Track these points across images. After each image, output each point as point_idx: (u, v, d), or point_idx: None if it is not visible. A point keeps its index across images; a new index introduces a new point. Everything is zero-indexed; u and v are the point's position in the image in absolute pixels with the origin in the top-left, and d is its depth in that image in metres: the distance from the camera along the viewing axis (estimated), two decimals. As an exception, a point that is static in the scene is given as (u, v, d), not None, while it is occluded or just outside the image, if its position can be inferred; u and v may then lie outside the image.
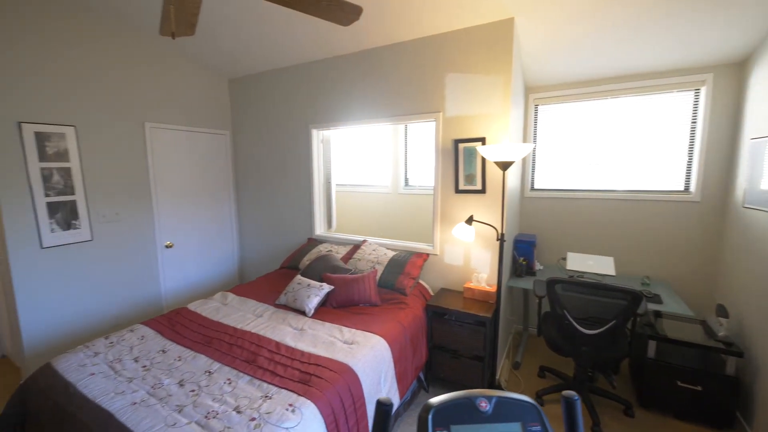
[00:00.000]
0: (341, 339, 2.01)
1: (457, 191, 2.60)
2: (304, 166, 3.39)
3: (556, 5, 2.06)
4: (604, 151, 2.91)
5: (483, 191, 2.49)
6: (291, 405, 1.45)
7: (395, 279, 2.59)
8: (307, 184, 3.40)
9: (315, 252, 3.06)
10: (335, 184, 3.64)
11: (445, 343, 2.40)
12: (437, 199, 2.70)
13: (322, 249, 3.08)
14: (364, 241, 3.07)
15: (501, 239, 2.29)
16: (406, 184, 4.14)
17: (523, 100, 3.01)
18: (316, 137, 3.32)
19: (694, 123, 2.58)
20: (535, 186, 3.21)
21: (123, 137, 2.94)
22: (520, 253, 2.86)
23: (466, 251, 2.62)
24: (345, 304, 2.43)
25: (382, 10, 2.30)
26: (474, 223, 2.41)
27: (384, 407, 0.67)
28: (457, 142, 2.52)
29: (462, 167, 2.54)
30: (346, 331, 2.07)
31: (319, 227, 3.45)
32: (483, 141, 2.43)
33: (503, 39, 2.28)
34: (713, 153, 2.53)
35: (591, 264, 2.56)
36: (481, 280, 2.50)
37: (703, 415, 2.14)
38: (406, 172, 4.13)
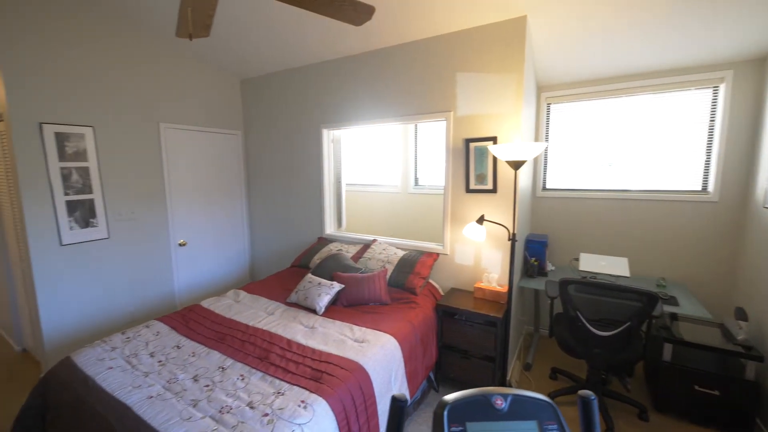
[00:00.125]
0: (352, 337, 2.02)
1: (468, 191, 2.59)
2: (315, 165, 3.41)
3: (569, 3, 2.04)
4: (618, 150, 2.86)
5: (494, 191, 2.48)
6: (303, 401, 1.46)
7: (405, 278, 2.60)
8: (317, 183, 3.42)
9: (325, 251, 3.08)
10: (345, 184, 3.66)
11: (455, 343, 2.39)
12: (448, 199, 2.69)
13: (333, 248, 3.10)
14: (374, 240, 3.08)
15: (512, 239, 2.27)
16: (416, 183, 4.14)
17: (535, 99, 2.98)
18: (327, 137, 3.34)
19: (713, 121, 2.52)
20: (547, 186, 3.18)
21: (139, 137, 3.01)
22: (532, 253, 2.83)
23: (477, 251, 2.61)
24: (355, 303, 2.44)
25: (393, 10, 2.31)
26: (485, 222, 2.40)
27: (399, 403, 0.67)
28: (468, 141, 2.51)
29: (473, 167, 2.53)
30: (357, 330, 2.08)
31: (329, 226, 3.47)
32: (494, 140, 2.41)
33: (515, 37, 2.26)
34: (732, 152, 2.47)
35: (604, 265, 2.52)
36: (492, 280, 2.49)
37: (721, 420, 2.09)
38: (416, 172, 4.13)
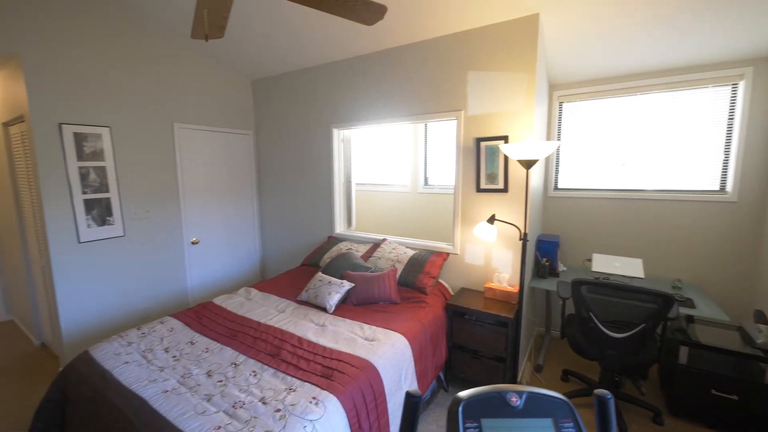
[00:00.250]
0: (362, 336, 2.02)
1: (479, 190, 2.57)
2: (325, 165, 3.43)
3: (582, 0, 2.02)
4: (632, 149, 2.81)
5: (505, 190, 2.46)
6: (314, 398, 1.48)
7: (415, 278, 2.59)
8: (327, 183, 3.44)
9: (335, 250, 3.10)
10: (355, 183, 3.67)
11: (465, 343, 2.38)
12: (458, 198, 2.68)
13: (343, 247, 3.12)
14: (384, 239, 3.09)
15: (524, 239, 2.25)
16: (426, 183, 4.13)
17: (547, 98, 2.95)
18: (337, 137, 3.36)
19: (731, 119, 2.46)
20: (559, 185, 3.14)
21: (153, 137, 3.07)
22: (543, 253, 2.80)
23: (487, 251, 2.59)
24: (365, 302, 2.45)
25: (405, 9, 2.31)
26: (496, 222, 2.38)
27: (413, 399, 0.67)
28: (478, 140, 2.50)
29: (483, 166, 2.52)
30: (367, 328, 2.09)
31: (339, 225, 3.49)
32: (506, 139, 2.39)
33: (528, 35, 2.24)
34: (752, 151, 2.40)
35: (618, 266, 2.48)
36: (503, 280, 2.47)
37: (739, 425, 2.04)
38: (425, 172, 4.12)
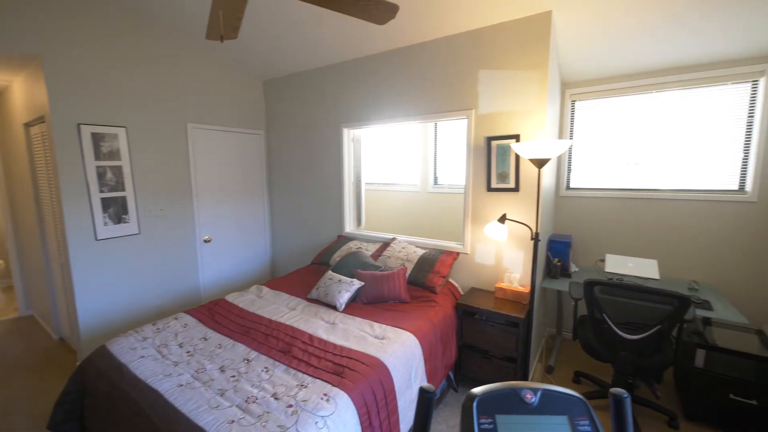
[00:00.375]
0: (372, 334, 2.03)
1: (489, 189, 2.56)
2: (335, 164, 3.45)
3: (597, -4, 1.99)
4: (646, 148, 2.76)
5: (516, 189, 2.44)
6: (326, 395, 1.49)
7: (425, 277, 2.59)
8: (337, 182, 3.46)
9: (345, 249, 3.12)
10: (365, 183, 3.69)
11: (475, 343, 2.37)
12: (468, 198, 2.67)
13: (352, 246, 3.13)
14: (394, 238, 3.09)
15: (535, 239, 2.23)
16: (435, 182, 4.12)
17: (559, 96, 2.92)
18: (347, 136, 3.38)
19: (751, 117, 2.40)
20: (571, 185, 3.10)
21: (167, 137, 3.13)
22: (555, 254, 2.77)
23: (498, 251, 2.58)
24: (375, 301, 2.46)
25: (417, 8, 2.31)
26: (507, 221, 2.37)
27: (427, 394, 0.68)
28: (489, 139, 2.48)
29: (494, 165, 2.50)
30: (377, 327, 2.09)
31: (349, 225, 3.50)
32: (517, 138, 2.38)
33: (540, 33, 2.22)
34: (773, 149, 2.34)
35: (632, 266, 2.44)
36: (514, 280, 2.45)
37: (758, 430, 1.99)
38: (435, 171, 4.11)
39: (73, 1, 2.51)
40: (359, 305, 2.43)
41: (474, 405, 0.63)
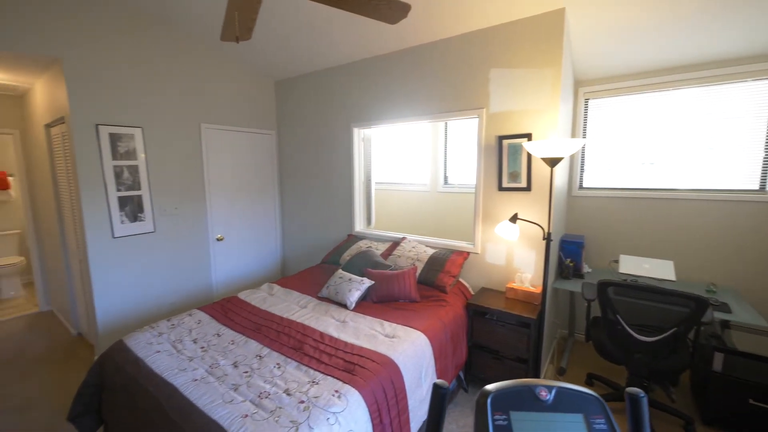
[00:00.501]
0: (382, 332, 2.04)
1: (500, 189, 2.54)
2: (345, 164, 3.47)
3: (612, -8, 1.96)
4: (662, 147, 2.71)
5: (528, 189, 2.42)
6: (337, 391, 1.50)
7: (435, 276, 2.59)
8: (347, 181, 3.48)
9: (355, 248, 3.13)
10: (375, 182, 3.70)
11: (486, 343, 2.36)
12: (479, 197, 2.65)
13: (362, 245, 3.14)
14: (404, 238, 3.09)
15: (547, 239, 2.21)
16: (446, 182, 4.11)
17: (572, 95, 2.88)
18: (357, 135, 3.39)
19: (773, 115, 2.33)
20: (584, 184, 3.06)
21: (182, 137, 3.19)
22: (567, 254, 2.74)
23: (509, 250, 2.56)
24: (385, 299, 2.46)
25: (429, 7, 2.31)
26: (518, 221, 2.35)
27: (441, 390, 0.68)
28: (501, 138, 2.47)
29: (506, 164, 2.48)
30: (387, 325, 2.10)
31: (359, 224, 3.52)
32: (529, 137, 2.35)
33: (553, 31, 2.20)
34: (795, 148, 2.27)
35: (647, 268, 2.40)
36: (525, 280, 2.43)
37: (780, 437, 1.93)
38: (445, 171, 4.10)
39: (92, 5, 2.58)
40: (369, 304, 2.44)
41: (488, 401, 0.63)
